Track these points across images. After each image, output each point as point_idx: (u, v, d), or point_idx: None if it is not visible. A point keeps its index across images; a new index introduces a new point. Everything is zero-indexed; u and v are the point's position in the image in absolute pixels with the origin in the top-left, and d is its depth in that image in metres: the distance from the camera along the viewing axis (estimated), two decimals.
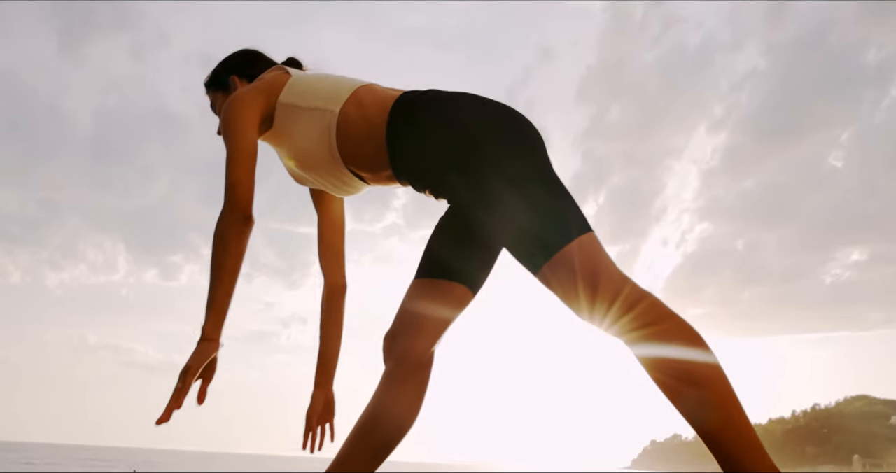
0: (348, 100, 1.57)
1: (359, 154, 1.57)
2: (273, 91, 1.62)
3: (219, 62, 1.88)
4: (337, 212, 1.88)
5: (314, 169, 1.64)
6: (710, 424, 1.23)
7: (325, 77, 1.66)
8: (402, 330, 1.53)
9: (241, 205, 1.50)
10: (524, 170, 1.40)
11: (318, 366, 1.83)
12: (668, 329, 1.28)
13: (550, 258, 1.35)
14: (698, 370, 1.25)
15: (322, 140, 1.58)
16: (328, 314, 1.84)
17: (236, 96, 1.61)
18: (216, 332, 1.45)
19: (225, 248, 1.49)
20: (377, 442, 1.50)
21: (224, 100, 1.82)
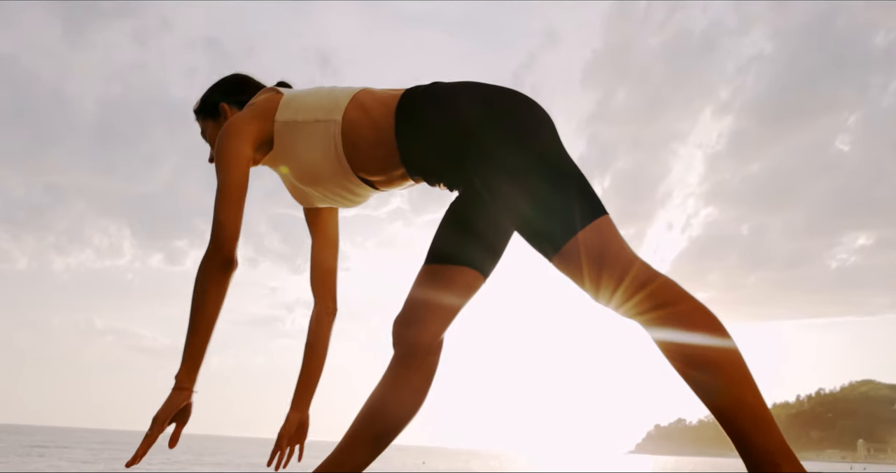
0: (349, 107, 1.55)
1: (369, 158, 1.55)
2: (267, 114, 1.60)
3: (207, 89, 1.86)
4: (332, 234, 1.87)
5: (321, 183, 1.62)
6: (726, 407, 1.21)
7: (319, 89, 1.64)
8: (412, 316, 1.53)
9: (224, 250, 1.50)
10: (526, 161, 1.37)
11: (297, 388, 1.82)
12: (683, 310, 1.27)
13: (558, 251, 1.33)
14: (714, 352, 1.24)
15: (328, 151, 1.56)
16: (314, 338, 1.83)
17: (228, 126, 1.59)
18: (189, 381, 1.47)
19: (203, 296, 1.49)
20: (384, 426, 1.51)
21: (214, 128, 1.82)
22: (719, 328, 1.26)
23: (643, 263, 1.31)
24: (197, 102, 1.87)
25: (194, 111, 1.88)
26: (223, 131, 1.58)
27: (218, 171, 1.55)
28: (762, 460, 1.18)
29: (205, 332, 1.49)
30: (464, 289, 1.54)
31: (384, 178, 1.60)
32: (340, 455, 1.51)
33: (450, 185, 1.56)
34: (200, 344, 1.48)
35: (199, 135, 1.88)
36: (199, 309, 1.49)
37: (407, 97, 1.53)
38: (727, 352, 1.24)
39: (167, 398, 1.45)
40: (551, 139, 1.42)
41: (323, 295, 1.84)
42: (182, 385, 1.46)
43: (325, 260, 1.85)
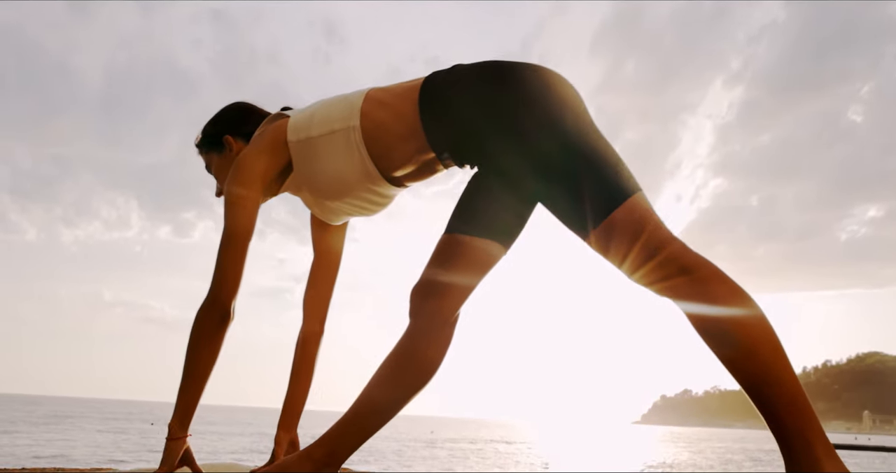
0: (365, 109, 1.53)
1: (397, 153, 1.54)
2: (276, 144, 1.59)
3: (209, 121, 1.83)
4: (335, 255, 1.87)
5: (348, 193, 1.60)
6: (752, 377, 1.21)
7: (324, 101, 1.62)
8: (432, 287, 1.51)
9: (222, 302, 1.52)
10: (557, 138, 1.34)
11: (284, 409, 1.82)
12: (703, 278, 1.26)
13: (592, 231, 1.32)
14: (737, 319, 1.22)
15: (352, 158, 1.54)
16: (300, 360, 1.83)
17: (237, 165, 1.57)
18: (182, 430, 1.53)
19: (197, 350, 1.52)
20: (396, 393, 1.51)
21: (219, 161, 1.80)
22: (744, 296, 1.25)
23: (680, 243, 1.30)
24: (198, 136, 1.83)
25: (196, 145, 1.84)
26: (232, 170, 1.57)
27: (225, 214, 1.55)
28: (795, 442, 1.17)
29: (197, 385, 1.53)
30: (485, 263, 1.52)
31: (414, 169, 1.58)
32: (353, 418, 1.50)
33: (479, 163, 1.53)
34: (193, 396, 1.53)
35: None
36: (191, 362, 1.52)
37: (430, 82, 1.51)
38: (750, 317, 1.23)
39: (164, 450, 1.52)
40: (582, 116, 1.40)
41: (311, 316, 1.84)
42: (176, 435, 1.52)
43: (322, 282, 1.85)
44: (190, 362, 1.51)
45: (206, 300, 1.52)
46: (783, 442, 1.18)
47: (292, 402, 1.81)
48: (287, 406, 1.81)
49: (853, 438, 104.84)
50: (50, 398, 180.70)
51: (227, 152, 1.77)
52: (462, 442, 37.30)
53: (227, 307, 1.52)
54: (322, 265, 1.85)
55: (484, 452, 28.87)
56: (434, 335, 1.51)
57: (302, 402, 1.83)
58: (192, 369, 1.51)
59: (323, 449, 1.48)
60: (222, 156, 1.78)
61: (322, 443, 1.49)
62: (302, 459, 1.48)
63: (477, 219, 1.52)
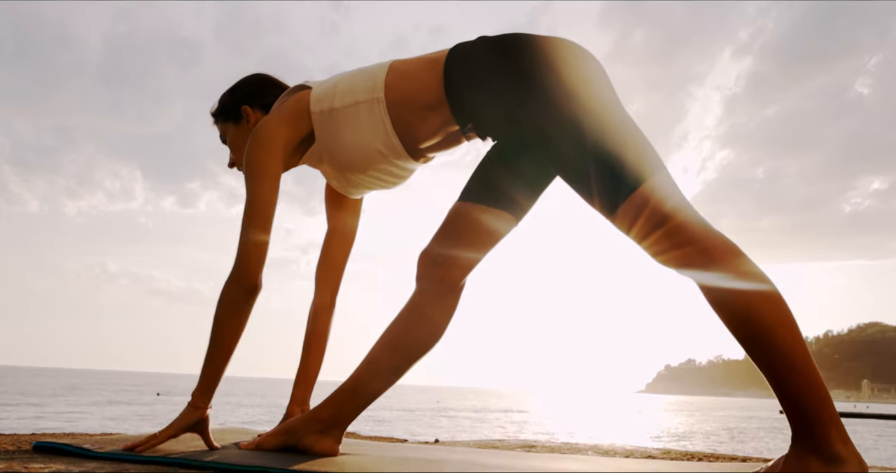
0: (389, 80, 1.52)
1: (422, 126, 1.52)
2: (299, 114, 1.57)
3: (227, 90, 1.80)
4: (350, 229, 1.87)
5: (370, 166, 1.58)
6: (765, 354, 1.20)
7: (346, 74, 1.60)
8: (440, 255, 1.53)
9: (249, 275, 1.51)
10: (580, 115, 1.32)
11: (296, 383, 1.82)
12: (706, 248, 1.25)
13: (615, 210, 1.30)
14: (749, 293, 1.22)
15: (376, 130, 1.53)
16: (312, 333, 1.83)
17: (257, 135, 1.55)
18: (203, 401, 1.51)
19: (225, 324, 1.51)
20: (400, 358, 1.55)
21: (236, 132, 1.77)
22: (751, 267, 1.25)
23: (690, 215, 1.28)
24: (215, 105, 1.81)
25: (212, 114, 1.82)
26: (252, 138, 1.55)
27: (247, 185, 1.53)
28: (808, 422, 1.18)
29: (223, 359, 1.51)
30: (495, 233, 1.54)
31: (437, 142, 1.57)
32: (359, 380, 1.55)
33: (500, 136, 1.53)
34: (218, 369, 1.51)
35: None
36: (218, 336, 1.51)
37: (455, 54, 1.49)
38: (765, 296, 1.22)
39: (181, 413, 1.50)
40: (605, 92, 1.38)
41: (324, 288, 1.84)
42: (197, 403, 1.50)
43: (335, 254, 1.85)
44: (217, 334, 1.50)
45: (234, 273, 1.51)
46: (795, 421, 1.19)
47: (304, 375, 1.81)
48: (299, 379, 1.81)
49: (852, 406, 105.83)
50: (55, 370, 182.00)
51: (244, 123, 1.76)
52: (466, 411, 37.72)
53: (255, 280, 1.51)
54: (336, 239, 1.85)
55: (499, 421, 29.20)
56: (440, 301, 1.55)
57: (314, 375, 1.83)
58: (218, 341, 1.50)
59: (329, 410, 1.55)
60: (239, 127, 1.76)
61: (328, 404, 1.56)
62: (309, 420, 1.56)
63: (491, 190, 1.54)
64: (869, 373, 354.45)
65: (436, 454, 1.69)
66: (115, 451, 1.40)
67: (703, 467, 1.65)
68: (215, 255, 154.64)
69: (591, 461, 1.71)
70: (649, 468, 1.57)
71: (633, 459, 1.89)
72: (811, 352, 1.16)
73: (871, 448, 21.19)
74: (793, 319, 1.21)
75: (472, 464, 1.46)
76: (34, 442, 1.51)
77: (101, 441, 1.60)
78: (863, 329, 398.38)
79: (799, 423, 1.18)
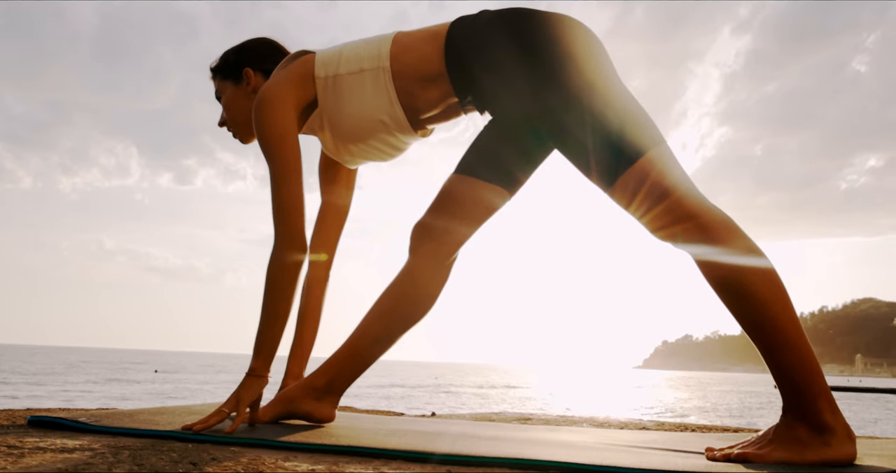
0: (393, 52, 1.52)
1: (423, 98, 1.53)
2: (305, 77, 1.56)
3: (230, 49, 1.79)
4: (345, 199, 1.86)
5: (371, 135, 1.58)
6: (759, 328, 1.25)
7: (352, 42, 1.59)
8: (434, 228, 1.55)
9: (299, 237, 1.50)
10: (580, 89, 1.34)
11: (291, 357, 1.82)
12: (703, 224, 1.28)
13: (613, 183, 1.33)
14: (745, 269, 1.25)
15: (380, 100, 1.53)
16: (306, 306, 1.82)
17: (267, 95, 1.54)
18: (265, 370, 1.49)
19: (284, 290, 1.49)
20: (391, 327, 1.58)
21: (233, 92, 1.75)
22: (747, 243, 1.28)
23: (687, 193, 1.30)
24: (217, 60, 1.79)
25: (212, 69, 1.79)
26: (261, 101, 1.53)
27: (267, 148, 1.51)
28: (799, 394, 1.22)
29: (282, 326, 1.50)
30: (489, 207, 1.56)
31: (436, 114, 1.58)
32: (352, 348, 1.58)
33: (499, 109, 1.53)
34: (276, 336, 1.50)
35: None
36: (276, 302, 1.49)
37: (456, 27, 1.50)
38: (759, 272, 1.25)
39: (246, 383, 1.46)
40: (606, 67, 1.41)
41: (318, 263, 1.84)
42: (260, 373, 1.48)
43: (329, 228, 1.84)
44: (274, 301, 1.49)
45: (280, 239, 1.49)
46: (787, 392, 1.24)
47: (300, 349, 1.82)
48: (294, 352, 1.81)
49: (846, 380, 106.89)
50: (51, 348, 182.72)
51: (244, 85, 1.74)
52: (465, 386, 38.00)
53: (304, 238, 1.51)
54: (330, 213, 1.84)
55: (497, 396, 29.42)
56: (432, 273, 1.57)
57: (309, 349, 1.83)
58: (275, 308, 1.48)
59: (324, 378, 1.59)
60: (237, 87, 1.75)
61: (323, 373, 1.59)
62: (305, 388, 1.59)
63: (487, 164, 1.55)
64: (862, 348, 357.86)
65: (432, 426, 1.70)
66: (112, 425, 1.40)
67: (696, 437, 1.66)
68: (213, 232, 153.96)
69: (585, 432, 1.72)
70: (643, 438, 1.59)
71: (628, 430, 1.90)
72: (806, 328, 1.20)
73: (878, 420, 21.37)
74: (787, 295, 1.25)
75: (468, 436, 1.47)
76: (29, 417, 1.51)
77: (97, 414, 1.60)
78: (857, 305, 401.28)
79: (790, 394, 1.23)
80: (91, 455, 1.08)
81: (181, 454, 1.12)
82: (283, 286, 1.49)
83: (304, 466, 1.06)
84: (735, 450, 1.25)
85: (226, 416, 1.42)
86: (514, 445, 1.33)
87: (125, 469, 0.96)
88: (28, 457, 1.04)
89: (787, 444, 1.21)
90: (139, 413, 1.66)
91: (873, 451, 1.37)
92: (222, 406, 1.43)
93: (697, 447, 1.42)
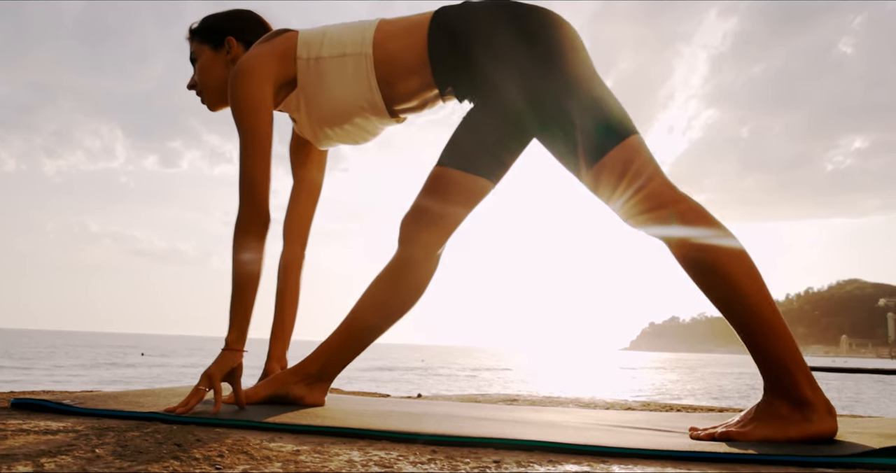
0: (377, 38, 1.54)
1: (403, 86, 1.56)
2: (286, 56, 1.57)
3: (216, 14, 1.77)
4: (316, 182, 1.86)
5: (347, 120, 1.61)
6: (733, 308, 1.29)
7: (335, 25, 1.61)
8: (423, 219, 1.56)
9: (263, 208, 1.52)
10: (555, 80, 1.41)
11: (272, 339, 1.82)
12: (682, 211, 1.34)
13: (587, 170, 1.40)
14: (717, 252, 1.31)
15: (361, 85, 1.55)
16: (285, 287, 1.83)
17: (246, 67, 1.54)
18: (240, 343, 1.51)
19: (248, 261, 1.51)
20: (379, 318, 1.60)
21: (210, 58, 1.74)
22: (718, 229, 1.34)
23: (664, 180, 1.37)
24: (199, 23, 1.77)
25: (192, 31, 1.77)
26: (239, 71, 1.54)
27: (240, 118, 1.52)
28: (777, 370, 1.26)
29: (252, 298, 1.52)
30: (474, 197, 1.57)
31: (417, 103, 1.61)
32: (343, 336, 1.60)
33: (479, 99, 1.55)
34: (248, 309, 1.51)
35: None
36: (244, 273, 1.51)
37: (439, 17, 1.53)
38: (727, 247, 1.31)
39: (219, 357, 1.48)
40: (583, 59, 1.45)
41: (293, 243, 1.84)
42: (233, 346, 1.49)
43: (303, 208, 1.84)
44: (242, 274, 1.51)
45: (244, 210, 1.52)
46: (766, 371, 1.28)
47: (280, 331, 1.82)
48: (275, 334, 1.82)
49: (831, 361, 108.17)
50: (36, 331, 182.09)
51: (223, 53, 1.73)
52: (452, 368, 38.16)
53: (267, 210, 1.53)
54: (303, 193, 1.85)
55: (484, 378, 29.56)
56: (422, 263, 1.58)
57: (290, 330, 1.84)
58: (245, 281, 1.51)
59: (317, 365, 1.61)
60: (216, 54, 1.74)
61: (316, 359, 1.61)
62: (297, 373, 1.61)
63: (469, 155, 1.56)
64: (847, 329, 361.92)
65: (418, 407, 1.70)
66: (96, 407, 1.40)
67: (680, 418, 1.68)
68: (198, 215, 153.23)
69: (570, 412, 1.74)
70: (627, 418, 1.60)
71: (613, 411, 1.92)
72: (791, 309, 1.23)
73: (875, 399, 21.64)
74: (758, 273, 1.30)
75: (453, 417, 1.48)
76: (12, 399, 1.51)
77: (81, 397, 1.60)
78: (842, 286, 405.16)
79: (769, 372, 1.27)
80: (74, 437, 1.08)
81: (166, 435, 1.12)
82: (248, 257, 1.51)
83: (290, 447, 1.07)
84: (718, 429, 1.27)
85: (204, 394, 1.43)
86: (499, 425, 1.33)
87: (109, 451, 0.96)
88: (11, 439, 1.04)
89: (769, 421, 1.23)
90: (124, 395, 1.66)
91: (855, 429, 1.39)
92: (198, 384, 1.45)
93: (681, 427, 1.44)
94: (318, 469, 0.90)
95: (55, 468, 0.84)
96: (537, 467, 0.97)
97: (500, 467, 0.96)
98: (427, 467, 0.94)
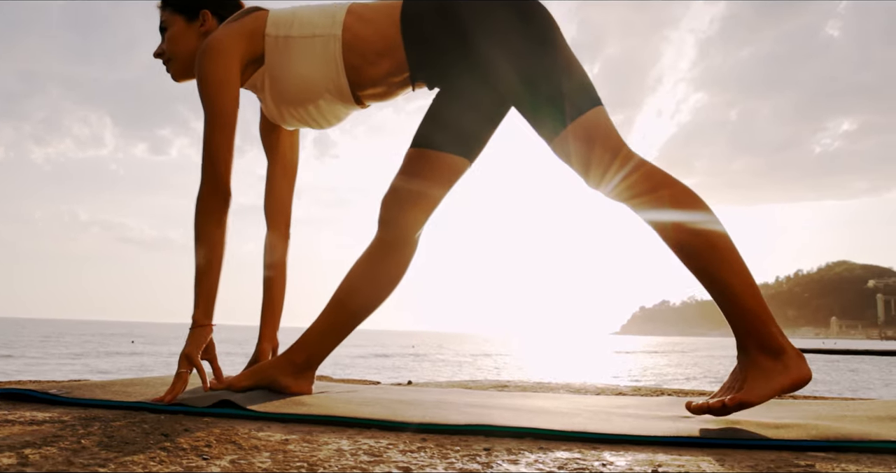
0: (348, 21, 1.54)
1: (371, 71, 1.55)
2: (256, 32, 1.57)
3: None
4: (291, 161, 1.85)
5: (311, 102, 1.59)
6: (718, 291, 1.30)
7: (307, 6, 1.61)
8: (402, 199, 1.58)
9: (223, 183, 1.52)
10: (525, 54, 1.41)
11: (263, 318, 1.82)
12: (671, 194, 1.35)
13: (554, 138, 1.40)
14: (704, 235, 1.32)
15: (328, 67, 1.54)
16: (271, 264, 1.82)
17: (215, 44, 1.54)
18: (206, 318, 1.52)
19: (209, 237, 1.51)
20: (360, 303, 1.61)
21: (182, 29, 1.72)
22: (707, 211, 1.35)
23: (630, 150, 1.38)
24: None
25: None
26: (208, 48, 1.53)
27: (205, 94, 1.52)
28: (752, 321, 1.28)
29: (216, 272, 1.52)
30: (451, 176, 1.59)
31: (383, 89, 1.59)
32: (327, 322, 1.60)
33: (447, 82, 1.58)
34: (212, 284, 1.52)
35: None
36: (206, 248, 1.51)
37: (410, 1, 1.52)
38: (717, 235, 1.32)
39: (190, 336, 1.49)
40: (551, 35, 1.45)
41: (275, 223, 1.84)
42: (201, 322, 1.50)
43: (280, 189, 1.83)
44: (204, 249, 1.51)
45: (205, 185, 1.51)
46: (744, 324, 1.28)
47: (270, 311, 1.82)
48: (265, 315, 1.82)
49: (821, 342, 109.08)
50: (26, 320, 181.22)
51: (196, 25, 1.72)
52: (442, 354, 38.26)
53: (228, 188, 1.53)
54: (278, 173, 1.83)
55: (474, 364, 29.65)
56: (402, 246, 1.60)
57: (279, 310, 1.84)
58: (207, 256, 1.51)
59: (303, 354, 1.60)
60: (188, 25, 1.72)
61: (301, 348, 1.61)
62: (283, 362, 1.60)
63: (444, 134, 1.58)
64: (837, 311, 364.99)
65: (408, 394, 1.70)
66: (83, 397, 1.39)
67: (671, 402, 1.68)
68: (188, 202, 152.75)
69: (561, 398, 1.74)
70: (618, 403, 1.60)
71: (604, 396, 1.92)
72: (781, 292, 1.24)
73: None
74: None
75: (444, 404, 1.48)
76: None
77: (68, 386, 1.58)
78: (831, 267, 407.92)
79: (746, 325, 1.28)
80: (60, 427, 1.07)
81: (153, 425, 1.11)
82: (210, 233, 1.51)
83: (278, 436, 1.06)
84: (710, 400, 1.28)
85: (188, 376, 1.44)
86: (489, 412, 1.33)
87: (95, 442, 0.95)
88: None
89: (760, 378, 1.25)
90: (111, 384, 1.65)
91: (846, 413, 1.39)
92: (178, 367, 1.45)
93: (672, 411, 1.44)
94: (307, 458, 0.90)
95: (40, 459, 0.83)
96: (528, 454, 0.96)
97: (491, 454, 0.96)
98: (417, 455, 0.94)
